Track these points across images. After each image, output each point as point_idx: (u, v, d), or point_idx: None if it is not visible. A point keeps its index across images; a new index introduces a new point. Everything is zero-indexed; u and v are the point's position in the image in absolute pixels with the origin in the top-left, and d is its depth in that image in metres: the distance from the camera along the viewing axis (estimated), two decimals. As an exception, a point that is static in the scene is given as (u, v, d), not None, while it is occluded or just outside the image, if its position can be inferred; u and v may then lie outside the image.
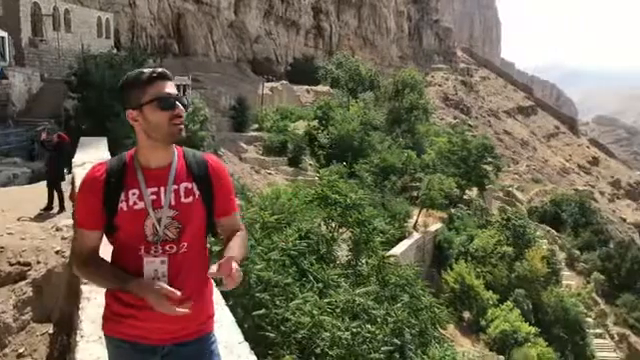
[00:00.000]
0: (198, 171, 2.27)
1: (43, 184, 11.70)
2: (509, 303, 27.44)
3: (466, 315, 27.05)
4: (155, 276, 2.15)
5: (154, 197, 2.19)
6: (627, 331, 37.08)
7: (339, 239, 13.89)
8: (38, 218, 9.71)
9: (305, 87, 54.30)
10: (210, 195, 2.27)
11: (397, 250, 24.06)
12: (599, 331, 34.45)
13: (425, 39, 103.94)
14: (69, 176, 9.66)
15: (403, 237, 27.55)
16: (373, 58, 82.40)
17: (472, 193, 41.62)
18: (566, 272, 39.56)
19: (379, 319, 10.66)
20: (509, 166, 66.61)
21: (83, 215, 2.24)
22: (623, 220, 71.94)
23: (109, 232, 2.23)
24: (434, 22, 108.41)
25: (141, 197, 2.18)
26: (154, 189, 2.20)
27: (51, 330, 5.17)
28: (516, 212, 38.67)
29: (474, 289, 27.00)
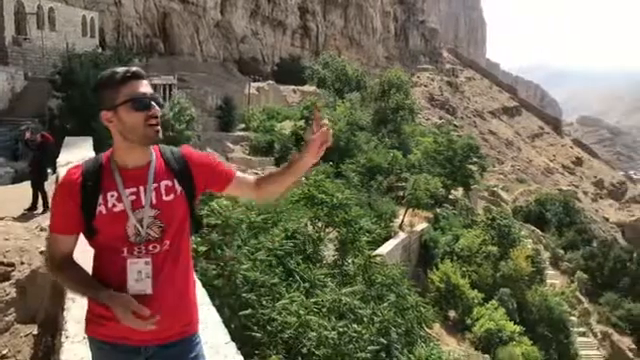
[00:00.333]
0: (177, 166, 2.24)
1: (27, 184, 11.61)
2: (494, 302, 27.57)
3: (452, 314, 27.15)
4: (139, 277, 2.13)
5: (134, 197, 2.15)
6: (610, 329, 37.42)
7: (325, 239, 13.86)
8: (22, 218, 9.63)
9: (292, 87, 54.13)
10: (192, 186, 2.25)
11: (383, 250, 24.04)
12: (583, 330, 34.73)
13: (411, 40, 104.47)
14: (53, 176, 9.59)
15: (389, 237, 27.57)
16: (359, 58, 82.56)
17: (457, 193, 41.79)
18: (550, 271, 39.87)
19: (365, 319, 10.70)
20: (494, 166, 67.06)
21: (58, 220, 2.18)
22: (606, 220, 72.82)
23: (89, 235, 2.18)
24: (420, 23, 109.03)
25: (120, 199, 2.14)
26: (133, 189, 2.16)
27: (35, 331, 5.13)
28: (501, 212, 38.86)
29: (459, 288, 27.11)
